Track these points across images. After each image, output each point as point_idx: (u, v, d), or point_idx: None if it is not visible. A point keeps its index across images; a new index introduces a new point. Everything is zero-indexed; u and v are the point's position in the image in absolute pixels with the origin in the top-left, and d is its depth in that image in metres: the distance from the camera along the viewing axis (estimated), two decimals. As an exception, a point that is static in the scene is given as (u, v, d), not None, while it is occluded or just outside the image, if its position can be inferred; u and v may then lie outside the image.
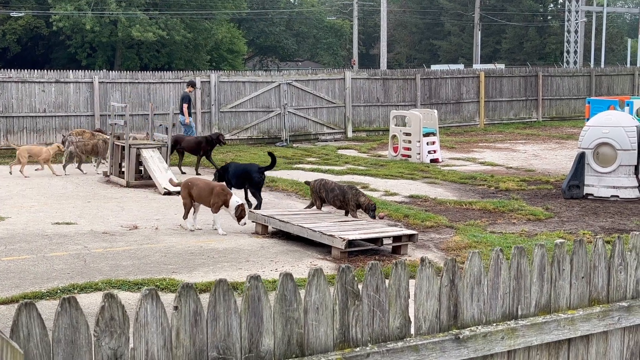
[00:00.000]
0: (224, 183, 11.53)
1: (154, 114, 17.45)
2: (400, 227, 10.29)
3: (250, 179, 12.01)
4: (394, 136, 18.99)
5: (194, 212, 10.59)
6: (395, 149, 18.88)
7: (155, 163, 14.46)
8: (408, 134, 18.48)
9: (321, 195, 10.88)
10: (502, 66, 43.36)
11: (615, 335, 3.36)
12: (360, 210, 10.63)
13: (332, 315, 2.80)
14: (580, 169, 12.98)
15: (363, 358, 2.78)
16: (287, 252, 9.33)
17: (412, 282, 2.98)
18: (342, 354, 2.77)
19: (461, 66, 46.10)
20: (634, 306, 3.35)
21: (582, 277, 3.28)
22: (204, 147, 16.44)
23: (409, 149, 18.40)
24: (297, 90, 24.03)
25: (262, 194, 12.33)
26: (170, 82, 22.31)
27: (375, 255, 9.03)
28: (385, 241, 9.31)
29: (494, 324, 3.07)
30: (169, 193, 13.56)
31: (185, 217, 10.56)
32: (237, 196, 10.55)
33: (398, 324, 2.92)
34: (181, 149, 16.58)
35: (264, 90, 23.44)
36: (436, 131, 18.88)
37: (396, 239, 9.28)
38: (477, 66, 47.16)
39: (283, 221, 10.00)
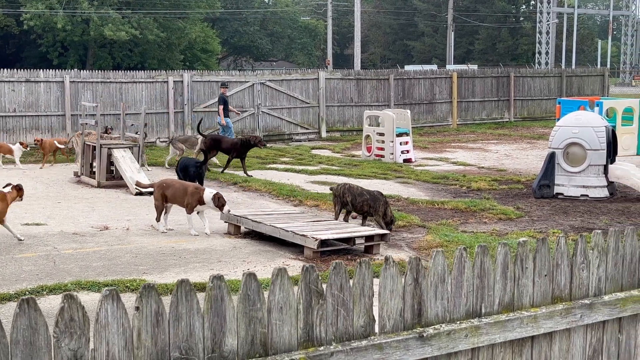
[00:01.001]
0: (197, 183, 11.50)
1: (126, 114, 17.30)
2: (373, 227, 10.31)
3: (188, 172, 13.13)
4: (368, 136, 19.04)
5: (165, 213, 10.51)
6: (369, 149, 18.93)
7: (127, 163, 14.35)
8: (381, 134, 18.54)
9: (345, 200, 10.27)
10: (475, 67, 43.71)
11: (578, 332, 3.40)
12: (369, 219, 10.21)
13: (296, 314, 2.79)
14: (550, 169, 13.12)
15: (327, 357, 2.78)
16: (259, 252, 9.31)
17: (377, 281, 2.99)
18: (306, 353, 2.76)
19: (434, 67, 46.35)
20: (596, 304, 3.39)
21: (545, 275, 3.31)
22: (237, 149, 16.06)
23: (382, 149, 18.46)
24: (270, 90, 23.99)
25: (236, 194, 12.46)
26: (142, 82, 22.14)
27: (348, 255, 9.04)
28: (357, 241, 9.34)
29: (458, 322, 3.08)
30: (140, 193, 13.45)
31: (158, 219, 10.41)
32: (210, 189, 10.50)
33: (362, 323, 2.92)
34: (220, 149, 16.18)
35: (237, 90, 23.37)
36: (409, 131, 18.96)
37: (368, 238, 9.31)
38: (450, 67, 47.48)
39: (256, 221, 9.97)
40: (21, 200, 10.13)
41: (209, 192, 10.19)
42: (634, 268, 3.58)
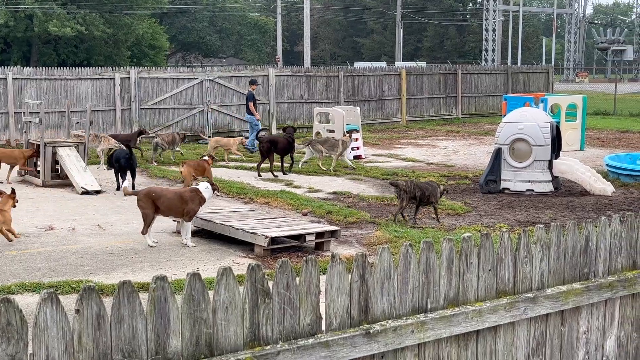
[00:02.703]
0: (193, 186, 10.77)
1: (71, 112, 16.96)
2: (323, 224, 10.33)
3: (119, 163, 13.46)
4: (318, 133, 19.03)
5: (151, 224, 9.44)
6: (319, 146, 18.92)
7: (73, 162, 14.07)
8: (332, 131, 18.57)
9: (414, 195, 10.63)
10: (424, 64, 44.15)
11: (522, 325, 3.45)
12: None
13: (242, 314, 2.77)
14: (497, 164, 13.33)
15: (274, 356, 2.77)
16: (209, 250, 9.23)
17: (323, 278, 2.98)
18: (252, 352, 2.74)
19: (384, 64, 46.66)
20: (539, 297, 3.44)
21: (489, 270, 3.35)
22: (288, 148, 15.53)
23: (332, 145, 18.49)
24: (220, 86, 23.81)
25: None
26: (88, 79, 21.73)
27: (299, 252, 9.03)
28: (308, 237, 9.33)
29: (404, 318, 3.10)
30: (86, 192, 13.22)
31: (145, 231, 9.32)
32: (203, 183, 9.85)
33: (309, 321, 2.91)
34: (277, 150, 15.35)
35: (186, 86, 23.13)
36: (359, 128, 19.04)
37: (319, 235, 9.32)
38: (399, 64, 47.82)
39: (205, 219, 9.88)
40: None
41: (204, 187, 9.53)
42: (575, 261, 3.65)
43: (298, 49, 72.35)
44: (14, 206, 9.67)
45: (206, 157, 13.91)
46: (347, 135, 17.04)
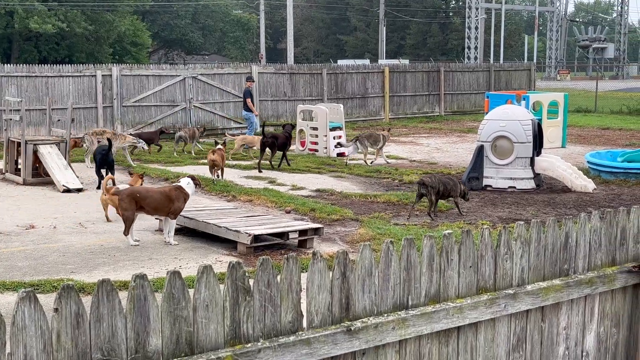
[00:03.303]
0: (175, 183, 10.78)
1: (52, 109, 16.83)
2: (307, 221, 10.33)
3: (96, 159, 13.70)
4: (301, 130, 19.04)
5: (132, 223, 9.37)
6: (303, 143, 18.94)
7: (54, 160, 13.96)
8: (315, 129, 18.59)
9: (439, 189, 10.93)
10: (406, 62, 44.21)
11: (503, 321, 3.46)
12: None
13: (222, 312, 2.76)
14: (479, 162, 13.38)
15: (254, 354, 2.76)
16: (192, 248, 9.20)
17: (305, 275, 2.98)
18: (233, 350, 2.73)
19: (367, 61, 46.70)
20: (520, 293, 3.46)
21: (470, 267, 3.36)
22: (287, 143, 16.35)
23: (316, 143, 18.51)
24: (203, 84, 23.72)
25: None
26: (69, 76, 21.55)
27: (282, 250, 9.03)
28: (291, 235, 9.32)
29: (385, 315, 3.10)
30: (68, 190, 13.13)
31: (127, 232, 9.26)
32: (184, 179, 9.73)
33: (290, 319, 2.91)
34: (277, 146, 16.09)
35: (168, 84, 23.02)
36: (342, 125, 19.06)
37: (302, 232, 9.32)
38: (382, 61, 47.90)
39: (188, 217, 9.85)
40: None
41: (186, 183, 9.48)
42: (555, 258, 3.67)
43: (281, 46, 72.23)
44: None
45: (220, 146, 14.58)
46: (387, 130, 17.89)
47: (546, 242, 3.63)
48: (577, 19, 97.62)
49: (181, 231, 9.94)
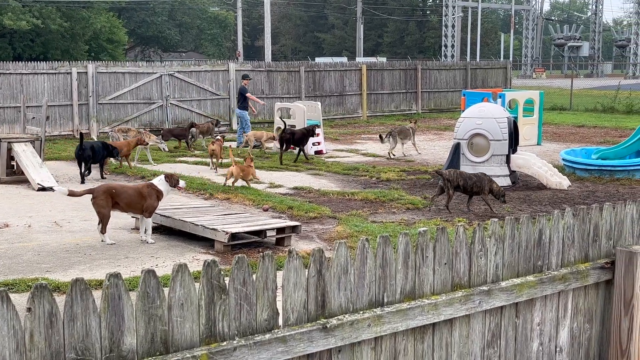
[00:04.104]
0: (149, 182, 10.49)
1: (27, 107, 16.66)
2: (284, 219, 10.32)
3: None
4: (279, 128, 18.98)
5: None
6: (280, 141, 18.89)
7: (29, 158, 13.82)
8: (293, 126, 18.55)
9: (458, 184, 11.05)
10: (384, 59, 44.30)
11: (477, 318, 3.49)
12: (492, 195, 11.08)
13: (197, 310, 2.75)
14: (456, 159, 13.46)
15: (230, 352, 2.76)
16: (168, 247, 9.15)
17: (281, 273, 2.98)
18: (208, 349, 2.73)
19: (345, 59, 46.72)
20: (494, 290, 3.49)
21: (445, 264, 3.39)
22: (304, 139, 16.95)
23: (293, 140, 18.47)
24: (179, 81, 23.61)
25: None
26: (44, 73, 21.34)
27: (259, 248, 9.02)
28: (269, 233, 9.30)
29: (361, 312, 3.11)
30: (43, 189, 13.00)
31: (104, 230, 9.17)
32: (159, 176, 9.60)
33: (266, 317, 2.91)
34: (294, 142, 16.87)
35: (144, 81, 22.88)
36: (320, 123, 19.05)
37: (280, 230, 9.31)
38: (360, 59, 47.97)
39: (164, 215, 9.79)
40: None
41: (158, 180, 9.38)
42: (529, 254, 3.70)
43: (259, 43, 72.06)
44: None
45: (219, 137, 15.61)
46: (414, 122, 18.95)
47: (520, 239, 3.66)
48: (553, 18, 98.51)
49: (158, 229, 9.89)
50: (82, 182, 13.67)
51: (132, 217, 10.04)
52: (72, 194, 9.41)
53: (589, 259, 3.94)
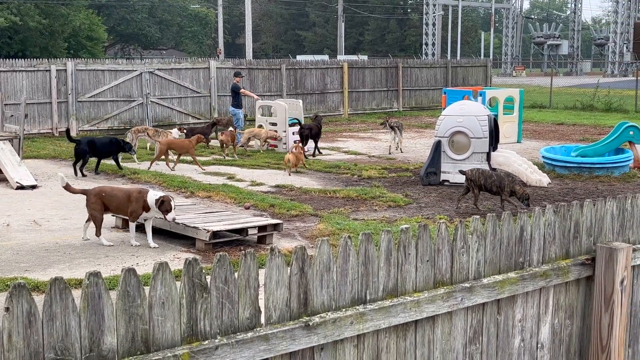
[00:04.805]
0: (140, 186, 10.39)
1: (5, 104, 16.48)
2: (266, 217, 10.29)
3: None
4: (260, 126, 18.96)
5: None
6: (262, 139, 18.84)
7: (7, 156, 13.67)
8: (274, 124, 18.53)
9: (480, 183, 10.98)
10: (365, 57, 44.33)
11: (459, 315, 3.49)
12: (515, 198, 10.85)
13: (179, 309, 2.73)
14: (437, 157, 13.50)
15: (212, 351, 2.73)
16: (150, 245, 9.08)
17: (263, 271, 2.96)
18: (190, 348, 2.71)
19: (326, 57, 46.72)
20: (476, 286, 3.50)
21: (427, 261, 3.38)
22: (319, 133, 17.76)
23: (275, 139, 18.43)
24: (160, 79, 23.47)
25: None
26: (23, 71, 21.13)
27: (241, 246, 8.99)
28: (250, 231, 9.28)
29: (344, 310, 3.10)
30: (22, 187, 12.87)
31: (99, 233, 9.07)
32: (154, 191, 9.30)
33: (248, 315, 2.89)
34: (311, 136, 17.58)
35: (124, 79, 22.71)
36: (302, 121, 18.99)
37: (261, 228, 9.28)
38: (341, 57, 47.96)
39: (144, 214, 9.72)
40: None
41: (152, 195, 8.87)
42: (510, 251, 3.71)
43: (240, 41, 71.84)
44: None
45: (231, 128, 16.73)
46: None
47: (502, 236, 3.67)
48: (533, 16, 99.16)
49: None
50: (83, 175, 14.33)
51: (112, 215, 9.96)
52: (67, 187, 9.23)
53: (569, 256, 3.96)
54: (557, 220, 3.89)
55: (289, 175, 14.44)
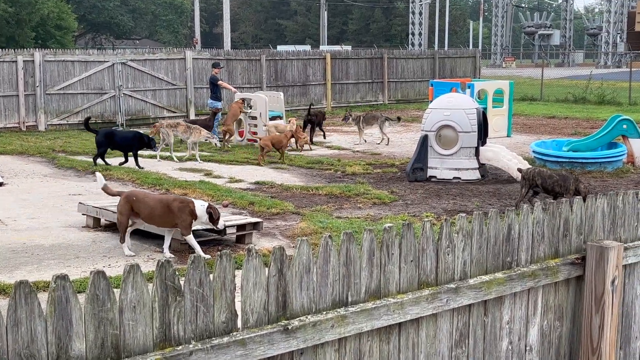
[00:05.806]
0: (173, 195, 9.88)
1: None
2: (245, 215, 10.07)
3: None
4: (240, 120, 18.72)
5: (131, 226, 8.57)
6: (241, 134, 18.61)
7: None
8: (254, 118, 18.27)
9: (535, 183, 10.54)
10: (349, 48, 44.02)
11: (445, 317, 3.39)
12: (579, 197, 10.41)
13: (151, 313, 2.61)
14: (423, 152, 13.29)
15: (186, 357, 2.62)
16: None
17: (240, 273, 2.84)
18: (163, 353, 2.59)
19: (308, 47, 46.39)
20: (462, 287, 3.39)
21: (411, 261, 3.27)
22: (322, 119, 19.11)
23: (255, 133, 18.12)
24: (133, 70, 23.01)
25: (95, 184, 11.61)
26: (-13, 62, 20.66)
27: (219, 246, 8.79)
28: (229, 230, 9.02)
29: (324, 313, 2.99)
30: (-2, 184, 12.56)
31: (123, 240, 8.41)
32: (200, 200, 8.65)
33: (224, 319, 2.78)
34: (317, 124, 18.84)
35: (96, 70, 22.26)
36: (283, 114, 18.85)
37: (240, 227, 9.05)
38: (324, 47, 47.67)
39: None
40: None
41: (200, 206, 8.14)
42: (498, 250, 3.61)
43: (217, 30, 71.30)
44: None
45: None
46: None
47: (488, 235, 3.56)
48: (523, 5, 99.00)
49: (110, 227, 9.54)
50: (107, 164, 14.44)
51: (83, 215, 9.65)
52: (105, 189, 8.63)
53: (559, 255, 3.86)
54: (546, 218, 3.79)
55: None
